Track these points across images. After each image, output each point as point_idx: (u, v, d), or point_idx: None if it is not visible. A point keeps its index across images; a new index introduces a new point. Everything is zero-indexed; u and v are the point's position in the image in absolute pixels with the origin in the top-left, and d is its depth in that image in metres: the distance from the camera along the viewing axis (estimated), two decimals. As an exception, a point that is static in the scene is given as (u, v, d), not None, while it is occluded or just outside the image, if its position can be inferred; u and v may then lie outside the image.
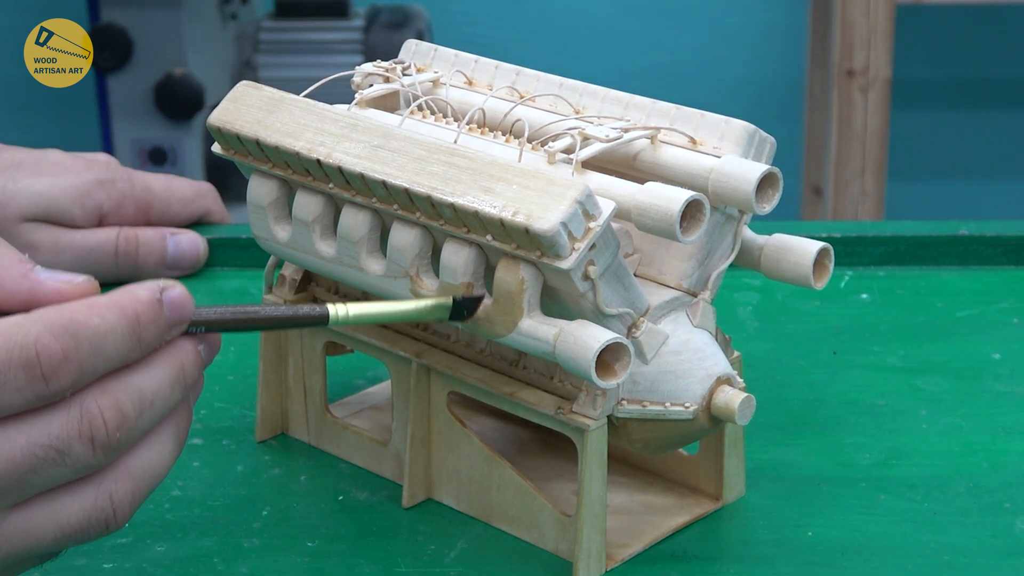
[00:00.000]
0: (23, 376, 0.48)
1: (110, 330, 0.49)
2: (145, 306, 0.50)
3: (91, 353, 0.49)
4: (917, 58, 2.53)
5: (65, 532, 0.51)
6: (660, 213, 0.60)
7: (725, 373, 0.63)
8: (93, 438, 0.49)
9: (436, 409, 0.69)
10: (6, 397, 0.48)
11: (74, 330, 0.49)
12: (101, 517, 0.51)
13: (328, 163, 0.64)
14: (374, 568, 0.65)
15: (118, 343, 0.50)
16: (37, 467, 0.49)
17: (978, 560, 0.65)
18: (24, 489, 0.49)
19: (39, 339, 0.48)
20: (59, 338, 0.48)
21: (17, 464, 0.48)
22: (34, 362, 0.48)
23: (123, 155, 2.17)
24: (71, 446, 0.49)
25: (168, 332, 0.51)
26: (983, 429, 0.77)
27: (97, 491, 0.51)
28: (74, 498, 0.51)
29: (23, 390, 0.48)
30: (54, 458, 0.49)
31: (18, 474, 0.49)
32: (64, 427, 0.49)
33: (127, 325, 0.50)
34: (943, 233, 0.97)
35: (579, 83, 0.71)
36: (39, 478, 0.49)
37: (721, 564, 0.66)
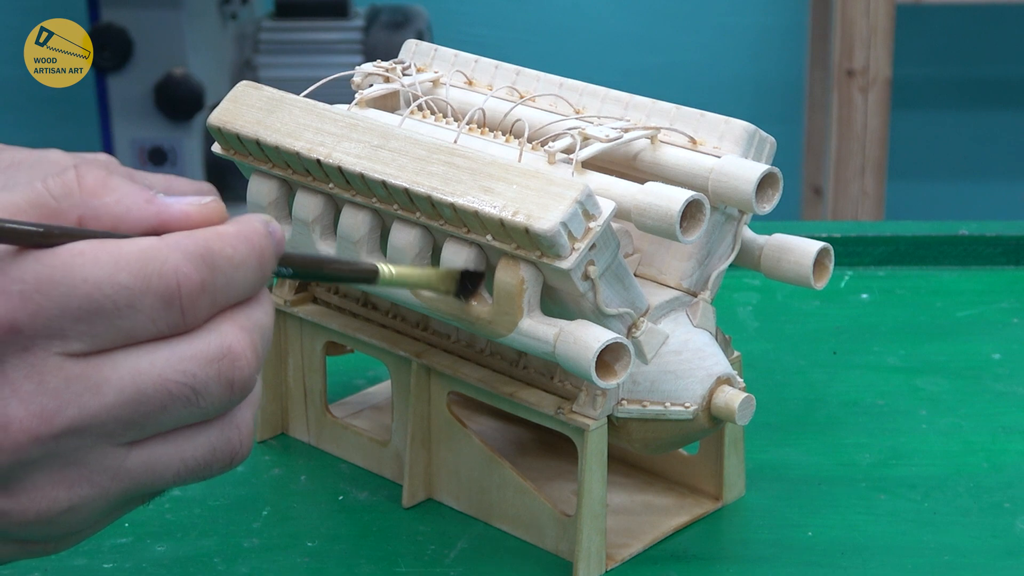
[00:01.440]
0: (160, 305, 0.46)
1: (242, 262, 0.48)
2: (265, 239, 0.49)
3: (225, 285, 0.47)
4: (917, 58, 2.53)
5: (189, 467, 0.48)
6: (660, 213, 0.60)
7: (725, 373, 0.63)
8: (232, 381, 0.47)
9: (436, 409, 0.69)
10: (140, 325, 0.46)
11: (211, 260, 0.47)
12: (228, 449, 0.49)
13: (328, 163, 0.64)
14: (374, 568, 0.65)
15: (248, 275, 0.48)
16: (168, 404, 0.46)
17: (978, 560, 0.65)
18: (151, 425, 0.47)
19: (179, 268, 0.46)
20: (198, 268, 0.46)
21: (147, 396, 0.46)
22: (174, 292, 0.46)
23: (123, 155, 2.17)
24: (208, 386, 0.47)
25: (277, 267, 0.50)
26: (983, 429, 0.77)
27: (224, 425, 0.49)
28: (200, 432, 0.48)
29: (157, 320, 0.46)
30: (188, 397, 0.46)
31: (147, 407, 0.46)
32: (203, 364, 0.47)
33: (256, 258, 0.48)
34: (943, 233, 0.97)
35: (579, 83, 0.71)
36: (168, 416, 0.47)
37: (721, 564, 0.66)
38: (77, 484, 0.47)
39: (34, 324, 0.45)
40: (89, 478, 0.47)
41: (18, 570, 0.65)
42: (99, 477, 0.47)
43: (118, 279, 0.45)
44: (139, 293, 0.46)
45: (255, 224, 0.49)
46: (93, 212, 0.48)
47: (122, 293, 0.45)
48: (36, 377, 0.45)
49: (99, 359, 0.46)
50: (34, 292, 0.45)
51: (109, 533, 0.67)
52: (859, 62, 2.11)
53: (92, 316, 0.45)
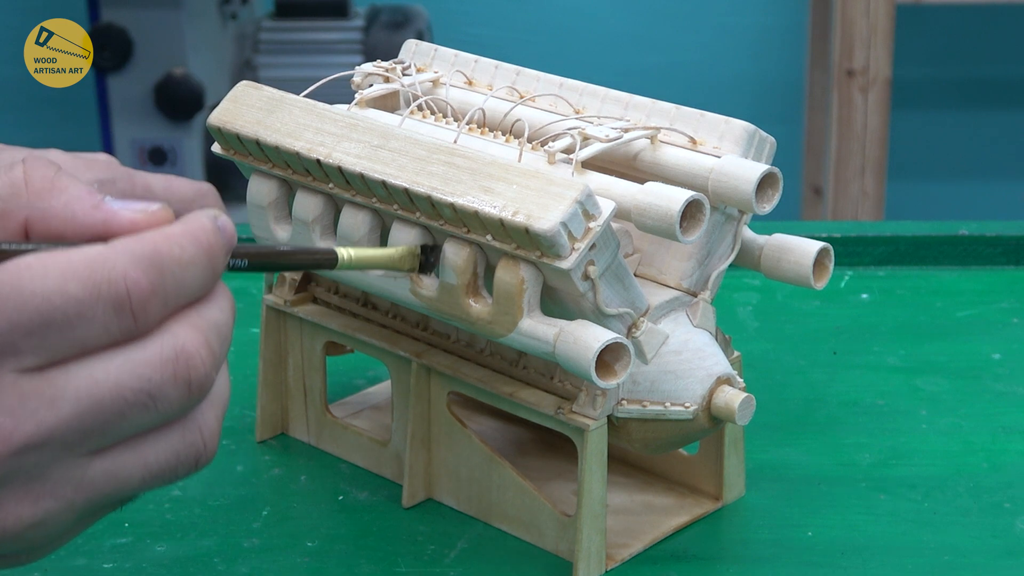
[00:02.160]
0: (111, 313, 0.45)
1: (190, 261, 0.47)
2: (214, 235, 0.48)
3: (175, 286, 0.47)
4: (917, 58, 2.53)
5: (153, 473, 0.48)
6: (660, 213, 0.60)
7: (725, 373, 0.63)
8: (190, 381, 0.47)
9: (436, 409, 0.69)
10: (92, 335, 0.45)
11: (159, 262, 0.46)
12: (192, 452, 0.48)
13: (328, 163, 0.64)
14: (374, 568, 0.65)
15: (197, 274, 0.48)
16: (126, 412, 0.46)
17: (978, 560, 0.65)
18: (111, 433, 0.46)
19: (127, 274, 0.46)
20: (147, 272, 0.46)
21: (104, 405, 0.46)
22: (124, 299, 0.45)
23: (123, 155, 2.17)
24: (164, 390, 0.46)
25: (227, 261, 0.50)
26: (983, 429, 0.77)
27: (185, 428, 0.48)
28: (161, 436, 0.48)
29: (110, 327, 0.46)
30: (145, 403, 0.46)
31: (105, 416, 0.46)
32: (157, 368, 0.46)
33: (205, 256, 0.48)
34: (943, 233, 0.97)
35: (579, 83, 0.70)
36: (127, 423, 0.46)
37: (721, 564, 0.66)
38: (41, 499, 0.46)
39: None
40: (53, 492, 0.47)
41: (18, 570, 0.65)
42: (63, 490, 0.47)
43: (67, 290, 0.45)
44: (89, 303, 0.45)
45: (202, 221, 0.49)
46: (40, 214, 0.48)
47: (72, 304, 0.45)
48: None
49: (53, 372, 0.46)
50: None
51: (109, 533, 0.67)
52: (859, 62, 2.11)
53: (43, 329, 0.45)
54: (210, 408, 0.49)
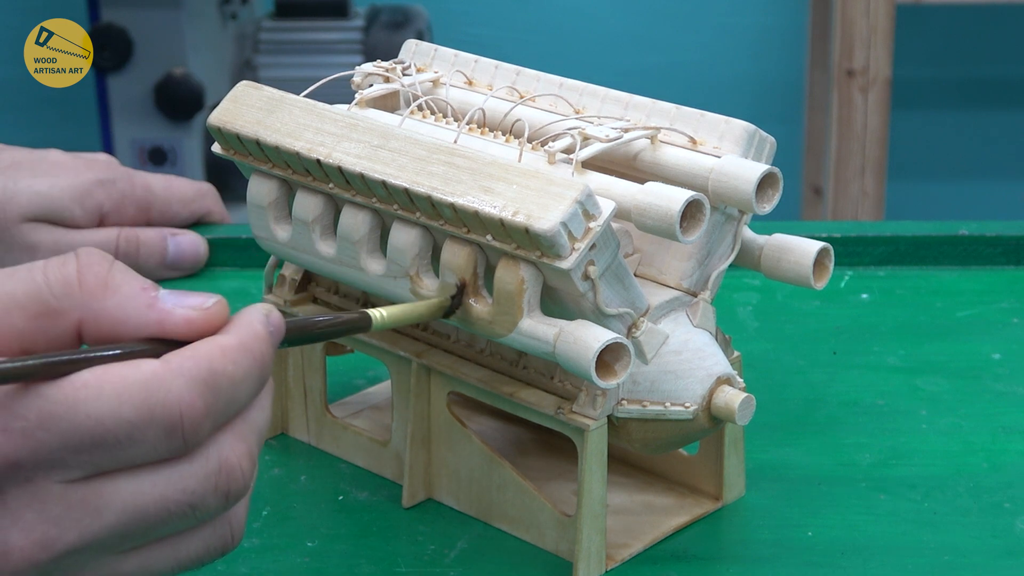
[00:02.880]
0: (163, 436, 0.46)
1: (244, 377, 0.48)
2: (266, 344, 0.49)
3: (227, 404, 0.47)
4: (917, 58, 2.53)
5: (183, 564, 0.49)
6: (660, 213, 0.60)
7: (725, 373, 0.63)
8: (229, 492, 0.48)
9: (436, 409, 0.69)
10: (141, 454, 0.46)
11: (214, 383, 0.47)
12: (220, 544, 0.50)
13: (328, 163, 0.64)
14: (374, 568, 0.65)
15: (250, 389, 0.48)
16: (168, 520, 0.47)
17: (978, 560, 0.65)
18: (151, 536, 0.48)
19: (182, 398, 0.46)
20: (202, 395, 0.46)
21: (148, 516, 0.47)
22: (177, 423, 0.46)
23: (123, 155, 2.17)
24: (205, 500, 0.47)
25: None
26: (983, 429, 0.77)
27: (216, 522, 0.49)
28: (194, 535, 0.49)
29: (159, 448, 0.46)
30: (186, 512, 0.47)
31: (147, 524, 0.47)
32: (201, 483, 0.47)
33: (258, 369, 0.48)
34: (943, 233, 0.97)
35: (579, 83, 0.70)
36: (167, 528, 0.48)
37: (721, 564, 0.66)
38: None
39: (35, 459, 0.45)
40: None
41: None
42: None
43: (121, 414, 0.45)
44: (142, 427, 0.46)
45: (256, 328, 0.49)
46: (93, 315, 0.48)
47: (124, 428, 0.45)
48: (37, 506, 0.45)
49: (100, 482, 0.46)
50: (36, 429, 0.45)
51: (109, 533, 0.67)
52: (859, 62, 2.11)
53: (94, 449, 0.45)
54: (243, 508, 0.50)
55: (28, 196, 0.88)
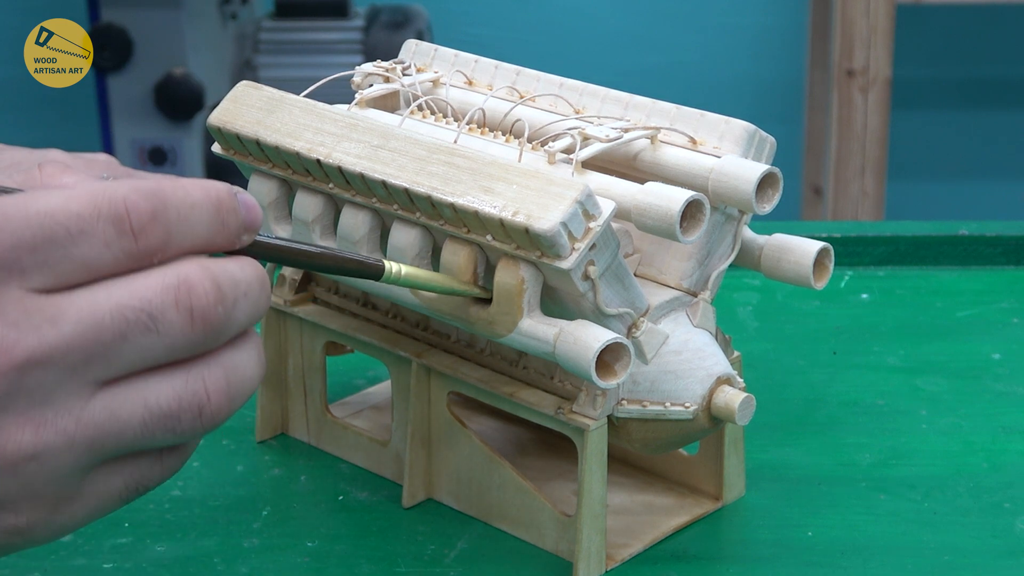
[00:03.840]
0: (112, 230, 0.47)
1: (196, 203, 0.49)
2: (225, 193, 0.50)
3: (179, 220, 0.48)
4: (917, 58, 2.53)
5: (154, 414, 0.48)
6: (660, 213, 0.60)
7: (725, 373, 0.63)
8: (192, 308, 0.48)
9: (436, 409, 0.69)
10: (95, 250, 0.47)
11: (161, 194, 0.48)
12: (194, 400, 0.49)
13: (328, 163, 0.64)
14: (374, 568, 0.65)
15: (203, 218, 0.49)
16: (127, 332, 0.47)
17: (978, 560, 0.65)
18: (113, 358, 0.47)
19: (127, 197, 0.47)
20: (147, 198, 0.48)
21: (105, 325, 0.47)
22: (123, 216, 0.47)
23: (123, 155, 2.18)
24: (165, 313, 0.47)
25: (244, 232, 0.51)
26: (983, 429, 0.77)
27: (188, 374, 0.49)
28: (164, 378, 0.49)
29: (111, 244, 0.47)
30: (146, 323, 0.47)
31: (106, 336, 0.47)
32: (159, 292, 0.48)
33: (211, 204, 0.49)
34: (943, 233, 0.97)
35: (579, 83, 0.71)
36: (129, 347, 0.47)
37: (721, 564, 0.66)
38: (42, 428, 0.47)
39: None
40: (54, 422, 0.47)
41: (18, 570, 0.65)
42: (63, 420, 0.47)
43: (69, 207, 0.47)
44: (90, 218, 0.47)
45: (216, 183, 0.50)
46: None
47: (74, 219, 0.47)
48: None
49: (58, 295, 0.47)
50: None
51: (109, 533, 0.67)
52: (859, 62, 2.11)
53: (47, 245, 0.47)
54: (219, 367, 0.50)
55: (28, 196, 0.88)
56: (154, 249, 0.48)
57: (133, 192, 0.48)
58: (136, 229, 0.47)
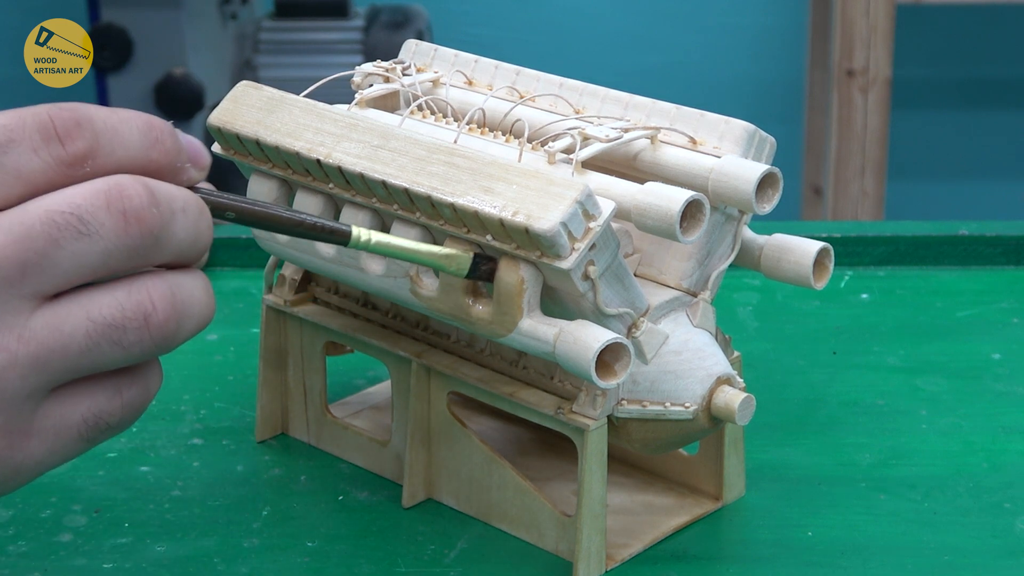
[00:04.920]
0: (38, 136, 0.48)
1: (124, 118, 0.49)
2: (158, 120, 0.51)
3: (106, 129, 0.49)
4: (917, 58, 2.53)
5: (97, 324, 0.48)
6: (660, 213, 0.60)
7: (725, 373, 0.63)
8: (125, 210, 0.48)
9: (436, 409, 0.69)
10: (24, 158, 0.47)
11: (86, 110, 0.49)
12: (139, 310, 0.48)
13: (328, 163, 0.64)
14: (374, 568, 0.65)
15: (133, 132, 0.49)
16: (59, 238, 0.47)
17: (978, 560, 0.65)
18: (49, 267, 0.47)
19: (50, 109, 0.48)
20: (71, 110, 0.48)
21: (35, 234, 0.47)
22: (47, 123, 0.48)
23: (123, 155, 2.17)
24: (96, 215, 0.47)
25: (186, 162, 0.51)
26: (983, 429, 0.77)
27: (132, 284, 0.49)
28: (106, 291, 0.48)
29: (39, 151, 0.47)
30: (76, 226, 0.47)
31: (38, 245, 0.47)
32: (87, 196, 0.47)
33: (142, 120, 0.50)
34: (943, 233, 0.97)
35: (579, 83, 0.71)
36: (63, 254, 0.47)
37: (721, 564, 0.66)
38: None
39: None
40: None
41: (18, 570, 0.65)
42: (4, 337, 0.47)
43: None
44: (16, 128, 0.47)
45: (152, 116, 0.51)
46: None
47: (0, 131, 0.47)
48: None
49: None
50: None
51: (109, 533, 0.67)
52: (859, 62, 2.11)
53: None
54: (163, 281, 0.49)
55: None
56: (82, 154, 0.48)
57: (55, 106, 0.49)
58: (62, 133, 0.48)
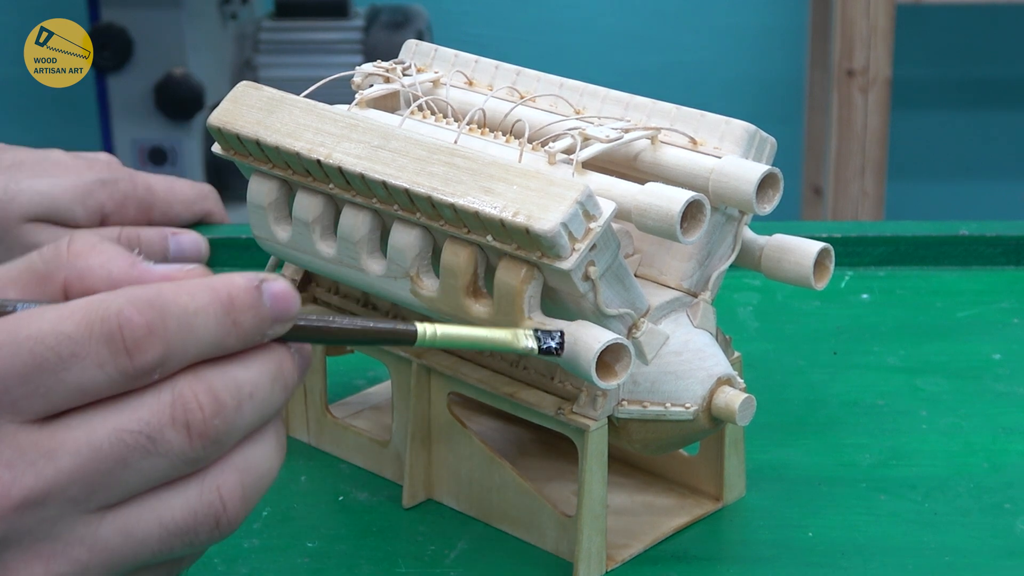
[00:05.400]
0: (105, 350, 0.45)
1: (200, 309, 0.46)
2: (241, 290, 0.47)
3: (179, 330, 0.46)
4: (917, 58, 2.53)
5: (170, 531, 0.47)
6: (660, 213, 0.60)
7: (725, 373, 0.63)
8: (188, 424, 0.46)
9: (436, 409, 0.69)
10: (88, 374, 0.45)
11: (160, 304, 0.46)
12: (210, 512, 0.47)
13: (328, 163, 0.64)
14: (374, 568, 0.65)
15: (209, 324, 0.46)
16: (127, 457, 0.45)
17: (978, 560, 0.65)
18: (116, 484, 0.46)
19: (121, 311, 0.45)
20: (143, 311, 0.45)
21: (103, 453, 0.45)
22: (115, 334, 0.45)
23: (123, 155, 2.18)
24: (163, 433, 0.45)
25: (270, 326, 0.48)
26: (983, 429, 0.77)
27: (202, 484, 0.47)
28: (176, 493, 0.47)
29: (105, 365, 0.45)
30: (145, 446, 0.45)
31: (106, 465, 0.45)
32: (154, 412, 0.46)
33: (220, 306, 0.47)
34: (943, 233, 0.97)
35: (579, 83, 0.70)
36: (131, 471, 0.46)
37: (721, 564, 0.66)
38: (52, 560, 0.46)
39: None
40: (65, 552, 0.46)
41: (18, 570, 0.65)
42: (74, 550, 0.46)
43: (60, 329, 0.45)
44: (82, 340, 0.45)
45: (232, 277, 0.48)
46: (78, 273, 0.48)
47: (64, 343, 0.45)
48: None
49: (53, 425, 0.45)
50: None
51: (109, 533, 0.67)
52: (859, 62, 2.11)
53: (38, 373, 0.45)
54: (233, 472, 0.48)
55: (30, 196, 0.88)
56: (151, 365, 0.46)
57: (128, 305, 0.45)
58: (130, 346, 0.45)
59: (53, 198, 0.89)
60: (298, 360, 0.50)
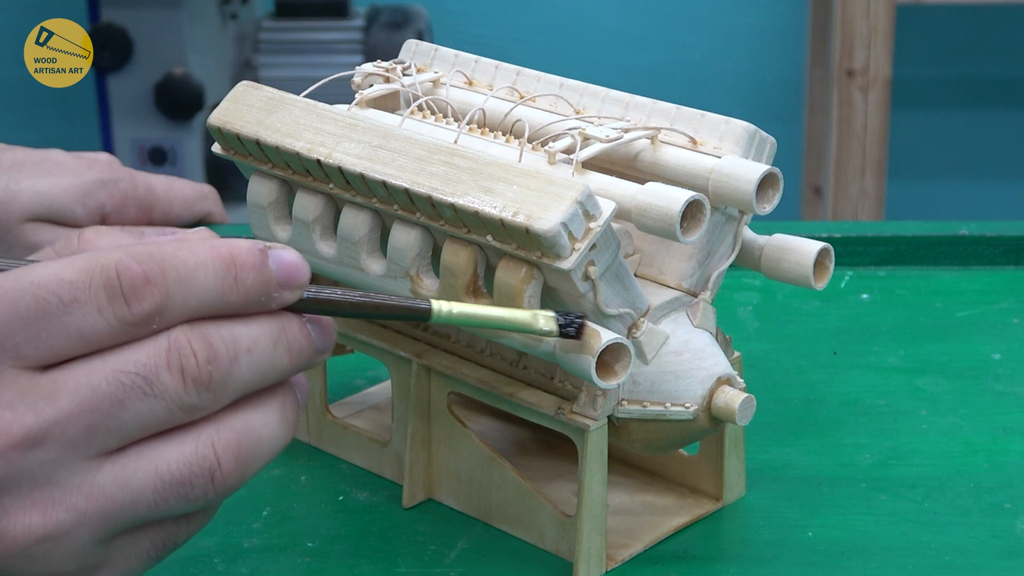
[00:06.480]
0: (104, 296, 0.46)
1: (200, 263, 0.48)
2: (243, 250, 0.49)
3: (178, 281, 0.47)
4: (917, 58, 2.53)
5: (165, 481, 0.48)
6: (660, 213, 0.60)
7: (725, 373, 0.63)
8: (183, 368, 0.47)
9: (436, 409, 0.69)
10: (88, 319, 0.46)
11: (159, 256, 0.47)
12: (204, 466, 0.48)
13: (328, 163, 0.64)
14: (374, 568, 0.65)
15: (209, 278, 0.48)
16: (124, 398, 0.47)
17: (978, 560, 0.65)
18: (114, 427, 0.47)
19: (120, 260, 0.47)
20: (141, 262, 0.47)
21: (102, 393, 0.46)
22: (114, 281, 0.46)
23: (123, 155, 2.17)
24: (159, 375, 0.47)
25: (276, 290, 0.49)
26: (983, 429, 0.77)
27: (197, 438, 0.48)
28: (172, 444, 0.48)
29: (104, 311, 0.46)
30: (141, 387, 0.47)
31: (104, 405, 0.46)
32: (151, 355, 0.47)
33: (221, 262, 0.48)
34: (943, 233, 0.97)
35: (579, 83, 0.71)
36: (129, 414, 0.47)
37: (721, 564, 0.66)
38: (51, 507, 0.46)
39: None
40: (63, 500, 0.47)
41: None
42: (72, 497, 0.47)
43: (62, 276, 0.47)
44: (82, 286, 0.46)
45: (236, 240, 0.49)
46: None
47: (66, 287, 0.46)
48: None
49: (54, 370, 0.47)
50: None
51: (109, 533, 0.67)
52: (859, 62, 2.11)
53: (40, 317, 0.46)
54: (229, 431, 0.49)
55: (30, 196, 0.89)
56: (150, 313, 0.47)
57: (127, 256, 0.47)
58: (128, 294, 0.47)
59: (53, 198, 0.89)
60: (316, 333, 0.50)
